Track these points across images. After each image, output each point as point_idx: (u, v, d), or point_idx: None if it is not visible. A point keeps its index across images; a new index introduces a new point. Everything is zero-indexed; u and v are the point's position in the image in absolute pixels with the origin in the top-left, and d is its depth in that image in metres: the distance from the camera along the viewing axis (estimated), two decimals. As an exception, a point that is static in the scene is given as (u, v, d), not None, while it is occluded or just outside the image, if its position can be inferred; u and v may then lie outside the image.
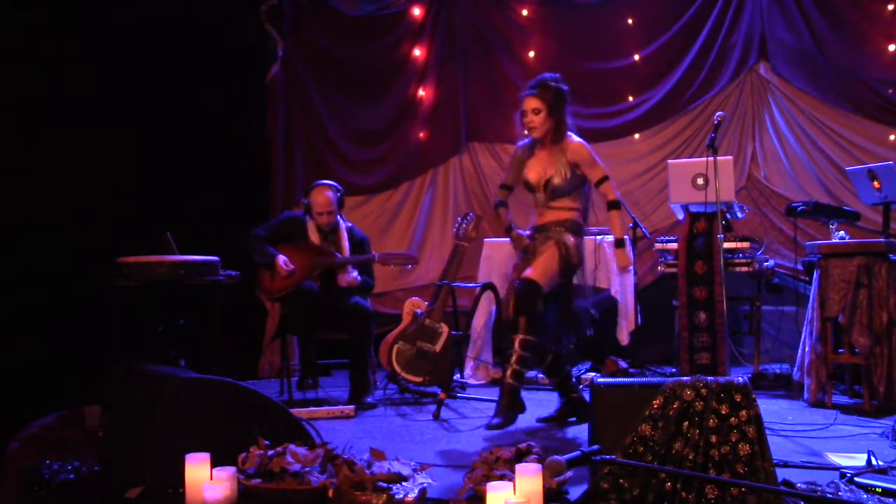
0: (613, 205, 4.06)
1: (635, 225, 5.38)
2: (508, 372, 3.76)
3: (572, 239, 3.94)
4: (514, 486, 2.38)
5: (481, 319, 5.45)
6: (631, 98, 6.32)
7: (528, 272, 3.84)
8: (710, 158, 4.17)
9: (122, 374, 3.26)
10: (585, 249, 4.06)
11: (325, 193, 4.80)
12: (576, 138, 4.02)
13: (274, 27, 6.28)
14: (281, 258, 4.69)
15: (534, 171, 4.02)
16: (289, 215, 5.11)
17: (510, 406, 3.73)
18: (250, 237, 4.78)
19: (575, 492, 2.68)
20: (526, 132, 4.03)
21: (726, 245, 4.84)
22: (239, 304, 5.20)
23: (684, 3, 6.21)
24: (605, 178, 4.01)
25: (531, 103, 3.98)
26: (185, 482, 2.54)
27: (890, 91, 5.77)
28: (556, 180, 3.94)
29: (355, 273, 4.78)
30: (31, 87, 5.03)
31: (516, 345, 3.74)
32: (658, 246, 5.25)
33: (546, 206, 4.01)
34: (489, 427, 3.65)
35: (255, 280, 4.87)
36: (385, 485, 2.60)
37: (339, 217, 4.90)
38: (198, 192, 5.53)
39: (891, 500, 2.59)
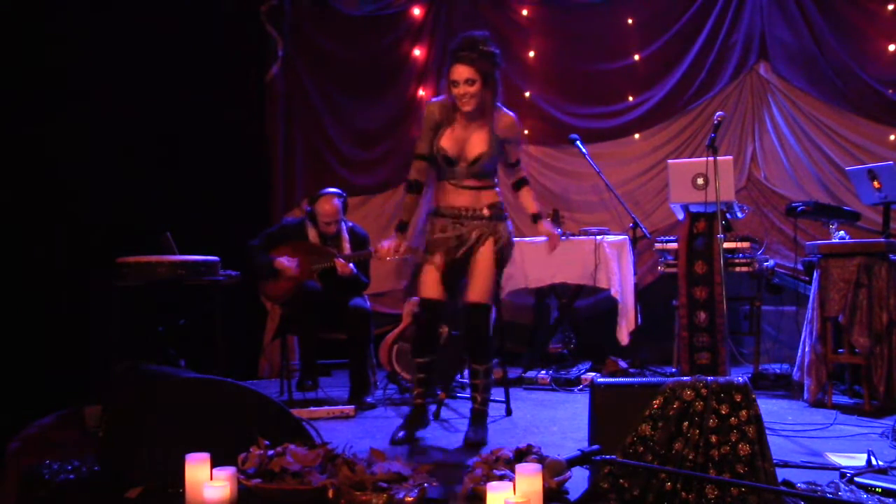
0: (524, 181, 3.78)
1: (635, 225, 5.38)
2: (480, 399, 3.72)
3: (505, 231, 3.64)
4: (514, 486, 2.38)
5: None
6: (631, 98, 6.32)
7: (474, 295, 3.59)
8: (710, 158, 4.16)
9: (122, 374, 3.25)
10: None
11: (331, 202, 4.78)
12: (506, 110, 3.64)
13: (274, 27, 6.28)
14: (279, 260, 4.69)
15: (454, 143, 3.56)
16: (287, 222, 5.10)
17: (485, 426, 3.72)
18: (249, 249, 4.78)
19: (575, 492, 2.69)
20: (458, 106, 3.53)
21: (726, 245, 4.84)
22: (239, 304, 5.19)
23: (684, 3, 6.21)
24: (519, 160, 3.72)
25: (464, 72, 3.45)
26: (185, 482, 2.54)
27: (890, 91, 5.77)
28: (486, 158, 3.56)
29: (352, 265, 4.77)
30: (30, 87, 5.03)
31: (482, 375, 3.70)
32: (658, 246, 5.25)
33: (464, 181, 3.59)
34: (476, 444, 3.58)
35: (258, 284, 4.87)
36: (385, 485, 2.60)
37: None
38: (198, 193, 5.53)
39: (891, 500, 2.60)
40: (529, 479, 2.36)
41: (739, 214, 5.06)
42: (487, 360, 3.73)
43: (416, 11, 6.54)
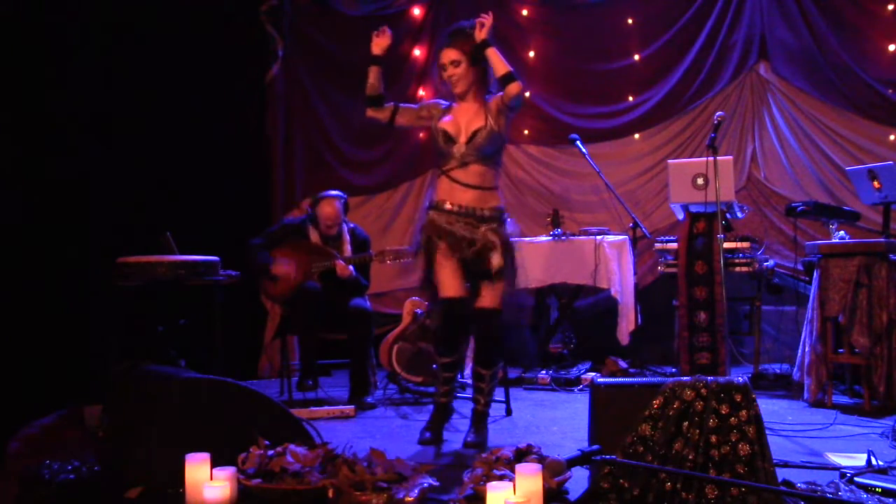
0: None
1: (635, 225, 5.38)
2: (483, 402, 3.71)
3: (507, 233, 3.65)
4: (514, 486, 2.38)
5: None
6: (631, 98, 6.32)
7: (486, 300, 3.60)
8: (710, 158, 4.16)
9: (122, 374, 3.25)
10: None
11: (333, 205, 4.80)
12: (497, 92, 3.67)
13: (274, 27, 6.28)
14: (273, 268, 4.71)
15: (452, 123, 3.62)
16: (288, 222, 5.11)
17: (485, 428, 3.72)
18: (250, 248, 4.79)
19: (575, 492, 2.69)
20: (450, 89, 3.67)
21: (726, 245, 4.84)
22: (239, 304, 5.19)
23: (684, 3, 6.21)
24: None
25: (448, 55, 3.61)
26: (185, 482, 2.54)
27: (890, 91, 5.76)
28: (483, 134, 3.55)
29: (351, 267, 4.77)
30: (29, 87, 5.03)
31: (488, 379, 3.69)
32: (658, 246, 5.25)
33: (463, 165, 3.58)
34: (476, 445, 3.58)
35: (258, 284, 4.88)
36: (385, 485, 2.60)
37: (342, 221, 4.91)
38: (198, 192, 5.53)
39: (891, 500, 2.60)
40: (529, 479, 2.36)
41: (739, 214, 5.05)
42: (494, 364, 3.73)
43: (416, 11, 6.54)
